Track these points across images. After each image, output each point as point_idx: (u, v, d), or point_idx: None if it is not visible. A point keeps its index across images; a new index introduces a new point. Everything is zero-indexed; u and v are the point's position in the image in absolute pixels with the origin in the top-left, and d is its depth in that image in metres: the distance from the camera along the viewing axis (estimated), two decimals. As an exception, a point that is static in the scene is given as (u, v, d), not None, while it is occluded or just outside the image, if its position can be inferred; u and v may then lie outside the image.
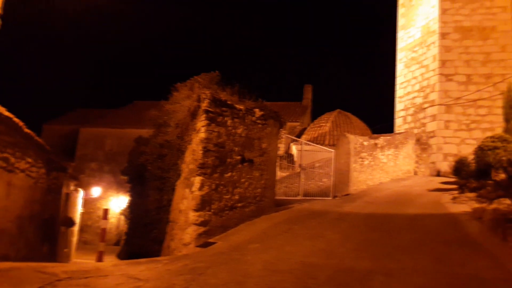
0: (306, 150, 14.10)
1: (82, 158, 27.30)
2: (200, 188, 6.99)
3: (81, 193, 17.38)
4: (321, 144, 18.64)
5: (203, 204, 6.93)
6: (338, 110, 23.76)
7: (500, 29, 17.35)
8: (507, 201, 7.16)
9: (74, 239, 17.13)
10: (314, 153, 14.40)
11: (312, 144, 15.89)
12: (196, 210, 6.88)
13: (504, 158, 9.42)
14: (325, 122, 22.75)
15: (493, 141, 10.18)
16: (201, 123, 7.35)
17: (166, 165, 10.10)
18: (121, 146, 23.56)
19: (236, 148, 7.78)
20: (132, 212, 11.85)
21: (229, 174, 7.57)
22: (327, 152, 13.76)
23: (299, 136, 23.68)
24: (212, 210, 7.09)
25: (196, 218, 6.84)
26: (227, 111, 7.63)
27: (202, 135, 7.22)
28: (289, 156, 19.71)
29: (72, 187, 14.73)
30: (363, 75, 67.23)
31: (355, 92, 64.85)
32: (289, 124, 26.82)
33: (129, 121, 27.02)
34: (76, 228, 16.81)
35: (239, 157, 7.82)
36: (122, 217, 17.43)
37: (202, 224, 6.86)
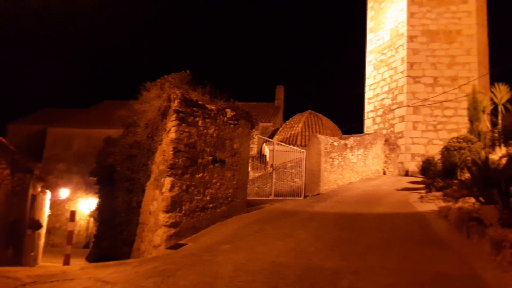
0: (278, 151, 14.19)
1: (49, 159, 26.51)
2: (171, 189, 6.89)
3: (48, 195, 16.86)
4: (293, 145, 18.80)
5: (173, 205, 6.84)
6: (310, 111, 24.02)
7: (465, 33, 17.97)
8: (472, 199, 7.39)
9: (41, 242, 16.61)
10: (286, 154, 14.51)
11: (284, 144, 15.99)
12: (166, 212, 6.78)
13: (468, 158, 9.75)
14: (297, 123, 22.94)
15: (458, 142, 10.53)
16: (171, 123, 7.25)
17: (135, 166, 9.90)
18: (90, 147, 22.99)
19: (208, 149, 7.72)
20: (101, 214, 11.56)
21: (200, 174, 7.50)
22: (299, 153, 13.87)
23: (271, 136, 23.78)
24: (182, 211, 7.01)
25: (166, 220, 6.74)
26: (198, 111, 7.56)
27: (172, 135, 7.12)
28: (261, 156, 19.78)
29: (39, 189, 14.27)
30: (335, 76, 68.23)
31: (326, 93, 65.73)
32: (261, 124, 26.94)
33: (98, 121, 26.46)
34: (43, 231, 16.30)
35: (210, 158, 7.76)
36: (92, 219, 17.03)
37: (172, 225, 6.76)
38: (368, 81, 21.04)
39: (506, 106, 10.61)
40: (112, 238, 10.29)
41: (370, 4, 21.77)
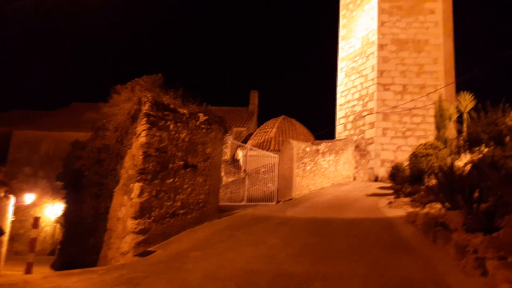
0: (251, 155, 14.20)
1: (14, 163, 25.53)
2: (140, 195, 6.75)
3: (12, 200, 16.22)
4: (267, 149, 18.83)
5: (142, 212, 6.70)
6: (283, 116, 24.15)
7: (432, 42, 18.55)
8: (438, 205, 7.58)
9: (4, 249, 15.93)
10: (259, 158, 14.52)
11: (257, 149, 16.00)
12: (135, 218, 6.63)
13: (435, 164, 10.02)
14: (271, 128, 23.02)
15: (425, 148, 10.81)
16: (141, 127, 7.12)
17: (104, 170, 9.66)
18: (58, 150, 22.29)
19: (179, 153, 7.62)
20: (67, 220, 11.22)
21: (171, 180, 7.39)
22: (272, 158, 13.92)
23: (245, 141, 23.77)
24: (152, 218, 6.88)
25: (134, 226, 6.59)
26: (169, 115, 7.46)
27: (142, 139, 7.00)
28: (235, 161, 19.72)
29: (2, 194, 13.71)
30: (308, 82, 69.00)
31: (300, 98, 66.36)
32: (235, 129, 26.88)
33: (67, 124, 25.72)
34: (5, 238, 15.65)
35: (182, 163, 7.67)
36: (58, 225, 16.50)
37: (141, 232, 6.62)
38: (339, 88, 21.38)
39: (471, 114, 10.97)
40: (79, 245, 10.00)
41: (342, 12, 22.18)
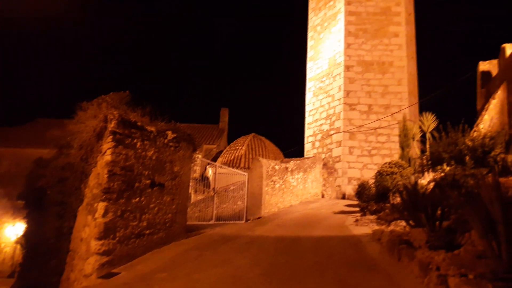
0: (221, 173, 14.10)
1: (-28, 180, 24.33)
2: (104, 215, 6.56)
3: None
4: (237, 167, 18.81)
5: (106, 232, 6.50)
6: (253, 134, 24.29)
7: (396, 64, 19.26)
8: (403, 223, 7.76)
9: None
10: (229, 176, 14.46)
11: (227, 167, 15.94)
12: (99, 239, 6.43)
13: (400, 182, 10.29)
14: (241, 146, 23.06)
15: (390, 167, 11.10)
16: (107, 145, 6.97)
17: (68, 189, 9.36)
18: (20, 168, 21.32)
19: (146, 172, 7.49)
20: (28, 240, 10.75)
21: (137, 199, 7.23)
22: (241, 175, 13.89)
23: (215, 158, 23.67)
24: (116, 238, 6.68)
25: (98, 247, 6.38)
26: (136, 133, 7.35)
27: (108, 157, 6.84)
28: (205, 179, 19.53)
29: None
30: (278, 101, 69.83)
31: (270, 117, 66.94)
32: (205, 146, 26.76)
33: (30, 140, 24.89)
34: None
35: (148, 181, 7.53)
36: (18, 246, 15.77)
37: (105, 253, 6.41)
38: (308, 107, 21.76)
39: (433, 134, 11.39)
40: (40, 266, 9.59)
41: (310, 34, 22.75)
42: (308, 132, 21.46)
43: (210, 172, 19.78)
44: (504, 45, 12.21)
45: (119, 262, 6.61)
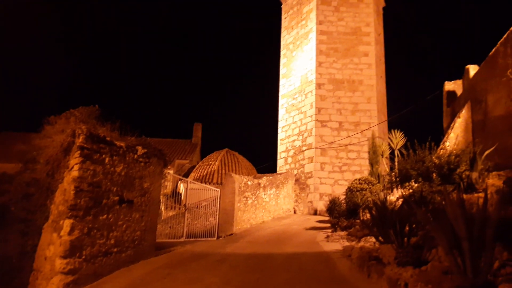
0: (192, 189, 13.93)
1: None
2: (70, 233, 6.35)
3: None
4: (209, 183, 18.66)
5: (72, 250, 6.28)
6: (227, 149, 24.19)
7: (366, 83, 19.78)
8: (372, 239, 7.86)
9: None
10: (201, 192, 14.31)
11: (198, 183, 15.78)
12: (64, 257, 6.20)
13: (369, 198, 10.46)
14: (214, 161, 22.91)
15: (360, 183, 11.28)
16: (74, 160, 6.79)
17: (32, 206, 9.01)
18: (-19, 183, 20.50)
19: (114, 188, 7.32)
20: (-13, 260, 10.23)
21: (105, 216, 7.04)
22: (214, 191, 13.78)
23: (188, 173, 23.40)
24: (83, 257, 6.46)
25: (63, 266, 6.15)
26: (105, 148, 7.20)
27: (75, 173, 6.66)
28: (176, 194, 19.24)
29: None
30: (251, 117, 70.12)
31: (243, 132, 67.07)
32: (177, 161, 26.43)
33: (-7, 154, 23.89)
34: None
35: (117, 198, 7.35)
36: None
37: (70, 272, 6.19)
38: (280, 123, 21.96)
39: (402, 151, 11.67)
40: (1, 287, 9.14)
41: (283, 52, 23.12)
42: (280, 148, 21.61)
43: (182, 187, 19.53)
44: (467, 66, 12.72)
45: (85, 281, 6.39)
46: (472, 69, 12.19)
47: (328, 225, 12.18)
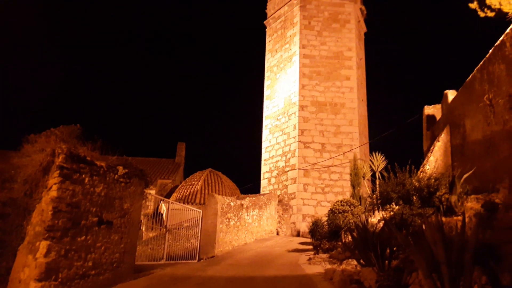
0: (174, 209, 13.76)
1: None
2: (46, 254, 6.17)
3: None
4: (192, 203, 18.48)
5: (48, 273, 6.10)
6: (210, 169, 24.05)
7: (348, 106, 20.11)
8: (354, 262, 7.86)
9: None
10: (183, 213, 14.13)
11: (180, 203, 15.60)
12: (39, 280, 6.01)
13: (351, 220, 10.49)
14: (197, 181, 22.72)
15: (342, 205, 11.32)
16: (53, 180, 6.66)
17: (8, 226, 8.74)
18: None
19: (93, 209, 7.18)
20: (-43, 283, 9.83)
21: (83, 237, 6.88)
22: (196, 212, 13.62)
23: (170, 193, 23.15)
24: (59, 280, 6.27)
25: (37, 290, 5.95)
26: (85, 168, 7.09)
27: (53, 193, 6.52)
28: (158, 215, 18.96)
29: None
30: (235, 137, 70.24)
31: (227, 152, 66.97)
32: (160, 181, 26.14)
33: (-31, 172, 23.23)
34: None
35: (96, 219, 7.21)
36: None
37: (44, 296, 5.98)
38: (264, 144, 22.04)
39: (383, 174, 11.80)
40: (-30, 312, 8.76)
41: (267, 74, 23.42)
42: (264, 168, 21.63)
43: (164, 208, 19.26)
44: (446, 91, 13.05)
45: (60, 306, 6.19)
46: (451, 94, 12.52)
47: (311, 247, 12.12)
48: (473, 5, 10.23)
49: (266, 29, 24.45)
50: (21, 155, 9.17)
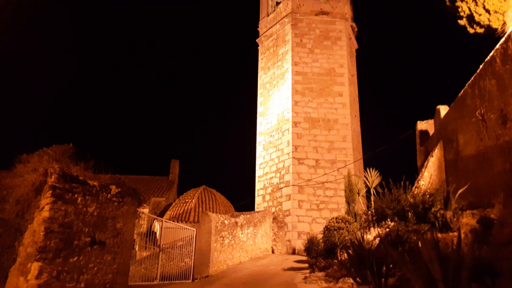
0: (168, 228, 13.62)
1: None
2: (38, 276, 6.07)
3: None
4: (186, 221, 18.31)
5: (39, 296, 5.97)
6: (204, 186, 23.89)
7: (341, 122, 20.21)
8: (350, 280, 7.78)
9: None
10: (177, 231, 13.98)
11: (174, 222, 15.45)
12: (30, 303, 5.88)
13: (347, 238, 10.42)
14: (191, 198, 22.55)
15: (337, 222, 11.26)
16: (45, 200, 6.59)
17: (-1, 247, 8.60)
18: None
19: (86, 229, 7.08)
20: None
21: (75, 258, 6.77)
22: (190, 231, 13.48)
23: (164, 211, 22.95)
24: (50, 302, 6.14)
25: (28, 313, 5.81)
26: (78, 188, 7.02)
27: (45, 213, 6.44)
28: (152, 234, 18.76)
29: None
30: (230, 154, 70.14)
31: (221, 169, 66.78)
32: (153, 199, 25.94)
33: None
34: None
35: (88, 239, 7.10)
36: None
37: (35, 320, 5.84)
38: (258, 160, 22.01)
39: (377, 190, 11.78)
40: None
41: (260, 91, 23.55)
42: (258, 185, 21.54)
43: (157, 226, 19.07)
44: (438, 106, 13.17)
45: (50, 330, 6.04)
46: (443, 109, 12.63)
47: (306, 265, 12.01)
48: (462, 22, 10.44)
49: (259, 47, 24.70)
50: (13, 175, 9.06)
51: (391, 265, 6.30)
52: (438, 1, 11.00)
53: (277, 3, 24.92)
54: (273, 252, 18.23)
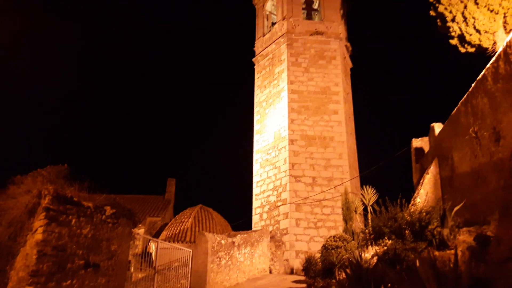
0: (164, 248, 13.45)
1: None
2: (29, 302, 5.94)
3: None
4: (182, 241, 18.12)
5: (30, 322, 5.84)
6: (200, 205, 23.72)
7: (337, 139, 20.27)
8: (348, 300, 7.67)
9: None
10: (172, 252, 13.82)
11: (169, 242, 15.29)
12: (21, 329, 5.75)
13: (345, 256, 10.33)
14: (187, 218, 22.36)
15: (335, 241, 11.17)
16: (39, 222, 6.53)
17: (-10, 271, 8.44)
18: None
19: (80, 251, 7.00)
20: None
21: (69, 282, 6.66)
22: (186, 252, 13.33)
23: (160, 231, 22.73)
24: (42, 328, 6.01)
25: None
26: (72, 209, 6.97)
27: (38, 236, 6.37)
28: (147, 254, 18.51)
29: None
30: (226, 172, 70.00)
31: (218, 187, 66.53)
32: (149, 219, 25.71)
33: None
34: None
35: (82, 262, 7.01)
36: None
37: None
38: (255, 178, 21.96)
39: (374, 207, 11.74)
40: None
41: (256, 109, 23.68)
42: (255, 203, 21.43)
43: (153, 247, 18.83)
44: (433, 124, 13.25)
45: None
46: (437, 127, 12.71)
47: (305, 285, 11.84)
48: (454, 42, 10.62)
49: (255, 66, 24.94)
50: (6, 197, 8.98)
51: (389, 284, 6.23)
52: (430, 22, 11.22)
53: (273, 24, 25.30)
54: (270, 272, 18.00)
